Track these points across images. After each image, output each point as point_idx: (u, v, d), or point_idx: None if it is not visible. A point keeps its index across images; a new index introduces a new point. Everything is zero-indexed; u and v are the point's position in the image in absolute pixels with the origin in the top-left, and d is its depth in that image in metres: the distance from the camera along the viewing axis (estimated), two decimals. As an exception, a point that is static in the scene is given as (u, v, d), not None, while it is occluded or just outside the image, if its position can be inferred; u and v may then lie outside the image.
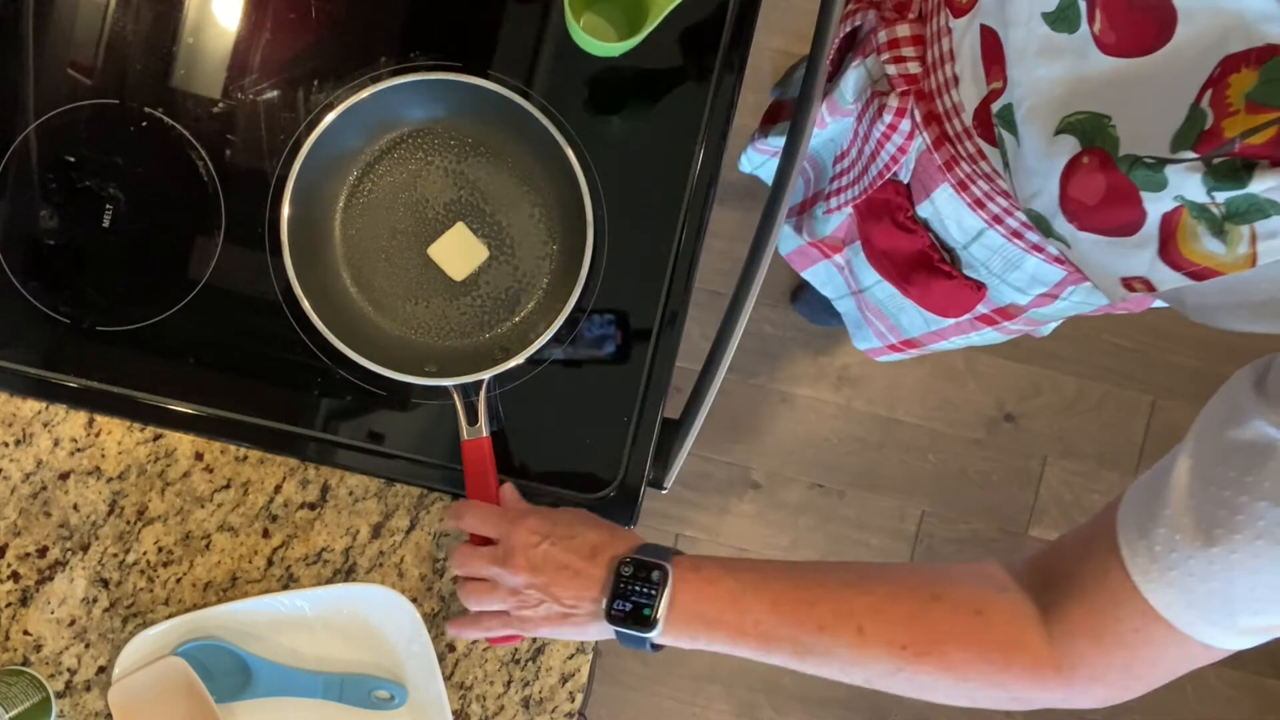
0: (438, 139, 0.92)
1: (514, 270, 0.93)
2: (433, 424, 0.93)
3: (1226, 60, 0.53)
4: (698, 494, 1.84)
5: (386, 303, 0.93)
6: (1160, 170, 0.56)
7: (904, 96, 0.84)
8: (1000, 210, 0.80)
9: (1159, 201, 0.57)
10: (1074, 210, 0.63)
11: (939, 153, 0.82)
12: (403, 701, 0.91)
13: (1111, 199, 0.60)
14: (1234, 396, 0.60)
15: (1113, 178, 0.59)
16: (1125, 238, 0.60)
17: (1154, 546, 0.61)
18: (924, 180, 0.87)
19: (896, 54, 0.84)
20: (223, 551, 0.92)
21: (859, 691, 1.85)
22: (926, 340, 1.08)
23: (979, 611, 0.69)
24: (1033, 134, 0.66)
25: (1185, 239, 0.57)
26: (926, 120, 0.82)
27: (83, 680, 0.91)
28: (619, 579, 0.77)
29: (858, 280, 1.09)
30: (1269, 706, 1.88)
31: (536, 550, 0.79)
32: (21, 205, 0.92)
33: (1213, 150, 0.54)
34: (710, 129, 0.94)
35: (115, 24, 0.93)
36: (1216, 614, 0.60)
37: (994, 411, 1.86)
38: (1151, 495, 0.63)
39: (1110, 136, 0.60)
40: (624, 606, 0.76)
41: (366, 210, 0.93)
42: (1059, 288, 0.86)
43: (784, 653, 0.74)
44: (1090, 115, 0.61)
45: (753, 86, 1.81)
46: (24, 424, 0.91)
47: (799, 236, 1.13)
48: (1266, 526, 0.56)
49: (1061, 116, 0.63)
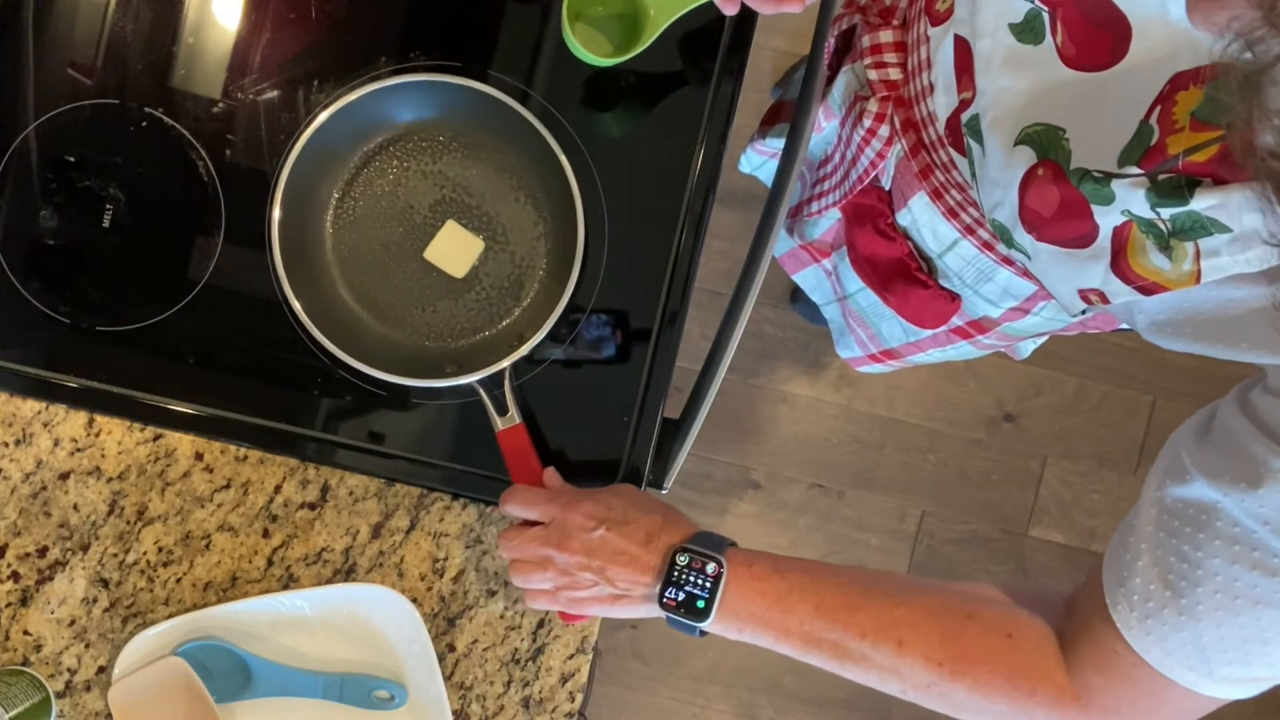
0: (410, 143, 0.93)
1: (511, 256, 0.93)
2: (433, 424, 0.93)
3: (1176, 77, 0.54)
4: (698, 494, 1.84)
5: (394, 315, 0.93)
6: (1107, 185, 0.57)
7: (884, 102, 0.84)
8: (972, 221, 0.81)
9: (1108, 215, 0.58)
10: (1032, 221, 0.64)
11: (915, 160, 0.82)
12: (403, 701, 0.91)
13: (1065, 211, 0.61)
14: (1177, 449, 0.61)
15: (1065, 190, 0.60)
16: (1080, 249, 0.61)
17: (1131, 595, 0.63)
18: (902, 187, 0.87)
19: (879, 59, 0.85)
20: (223, 551, 0.92)
21: (860, 691, 1.85)
22: (905, 351, 1.09)
23: (1010, 636, 0.71)
24: (995, 144, 0.67)
25: (1134, 253, 0.58)
26: (904, 127, 0.83)
27: (83, 680, 0.91)
28: (673, 567, 0.77)
29: (843, 286, 1.10)
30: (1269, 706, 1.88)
31: (593, 535, 0.79)
32: (21, 205, 0.92)
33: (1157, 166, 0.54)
34: (710, 129, 0.94)
35: (115, 24, 0.93)
36: (1193, 661, 0.61)
37: (994, 411, 1.86)
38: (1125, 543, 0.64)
39: (1064, 149, 0.61)
40: (677, 595, 0.77)
41: (355, 226, 0.93)
42: (1030, 302, 0.86)
43: (824, 655, 0.75)
44: (1046, 127, 0.62)
45: (753, 87, 1.81)
46: (24, 424, 0.91)
47: (791, 239, 1.14)
48: (1222, 582, 0.57)
49: (1021, 127, 0.64)
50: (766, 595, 0.76)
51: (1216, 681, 0.61)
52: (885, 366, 1.18)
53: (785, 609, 0.76)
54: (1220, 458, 0.57)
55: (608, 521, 0.80)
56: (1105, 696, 0.66)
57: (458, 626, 0.93)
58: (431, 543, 0.93)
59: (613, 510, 0.80)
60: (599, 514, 0.80)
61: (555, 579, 0.81)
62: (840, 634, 0.74)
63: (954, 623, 0.72)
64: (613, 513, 0.80)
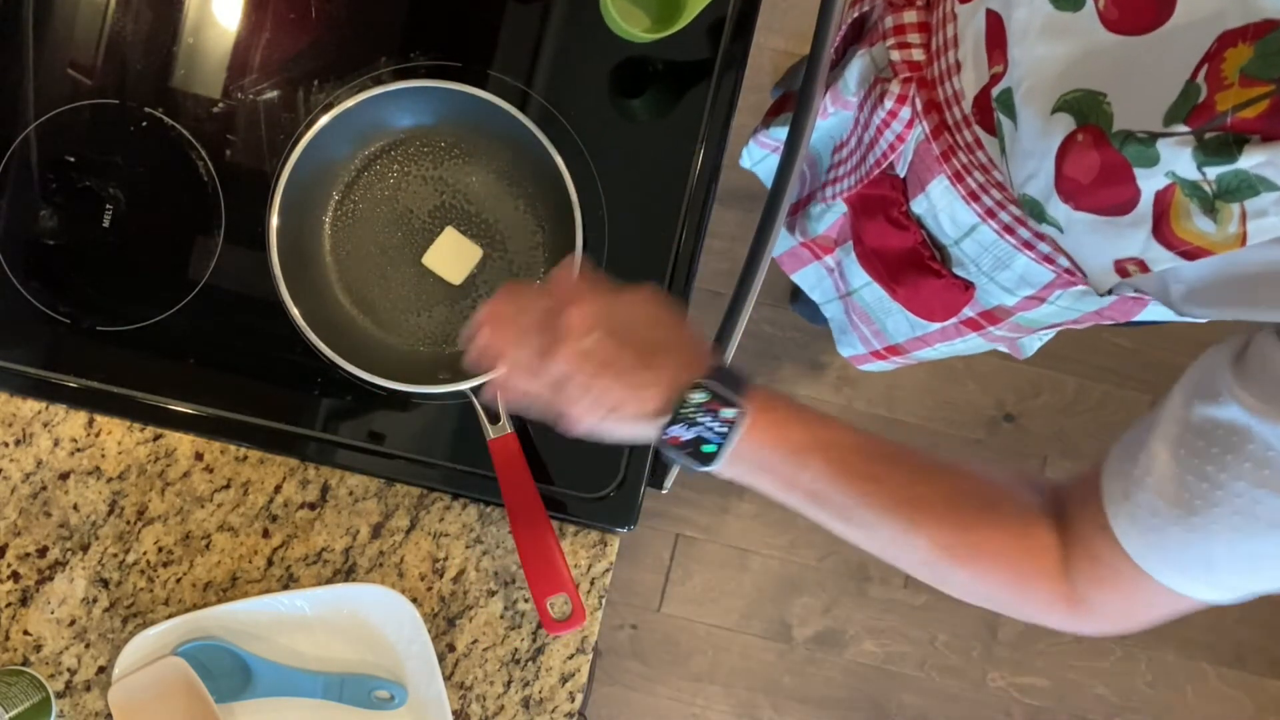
0: (411, 149, 0.93)
1: (509, 264, 0.93)
2: (433, 424, 0.93)
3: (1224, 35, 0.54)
4: (698, 494, 1.84)
5: (390, 320, 0.93)
6: (1152, 145, 0.56)
7: (906, 83, 0.84)
8: (994, 203, 0.81)
9: (1151, 178, 0.57)
10: (1069, 190, 0.63)
11: (937, 142, 0.82)
12: (403, 701, 0.91)
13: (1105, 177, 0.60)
14: (1212, 371, 0.60)
15: (1106, 154, 0.60)
16: (1119, 217, 0.61)
17: (1136, 510, 0.62)
18: (920, 172, 0.87)
19: (902, 40, 0.84)
20: (223, 551, 0.92)
21: (860, 691, 1.86)
22: (911, 347, 1.08)
23: (1021, 535, 0.69)
24: (1030, 115, 0.66)
25: (1178, 218, 0.57)
26: (926, 108, 0.82)
27: (83, 680, 0.91)
28: (685, 402, 0.67)
29: (847, 282, 1.09)
30: (1269, 706, 1.88)
31: (585, 341, 0.67)
32: (21, 205, 0.92)
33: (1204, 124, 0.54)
34: (710, 129, 0.94)
35: (115, 24, 0.93)
36: (1196, 572, 0.62)
37: (994, 411, 1.86)
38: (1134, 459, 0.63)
39: (1105, 113, 0.60)
40: (682, 434, 0.68)
41: (353, 231, 0.93)
42: (1046, 290, 0.86)
43: (828, 514, 0.70)
44: (1085, 92, 0.61)
45: (753, 86, 1.81)
46: (24, 424, 0.91)
47: (792, 237, 1.13)
48: (1244, 504, 0.57)
49: (1059, 95, 0.63)
50: (781, 445, 0.69)
51: (1214, 589, 0.62)
52: (889, 364, 1.18)
53: (799, 462, 0.69)
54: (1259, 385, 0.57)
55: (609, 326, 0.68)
56: (1101, 606, 0.67)
57: (458, 626, 0.93)
58: (431, 543, 0.93)
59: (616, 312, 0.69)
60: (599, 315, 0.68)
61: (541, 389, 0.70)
62: (852, 501, 0.69)
63: (970, 513, 0.69)
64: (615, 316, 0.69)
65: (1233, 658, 1.88)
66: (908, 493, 0.70)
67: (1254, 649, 1.88)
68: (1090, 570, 0.66)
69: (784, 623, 1.85)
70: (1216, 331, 0.59)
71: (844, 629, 1.85)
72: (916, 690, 1.86)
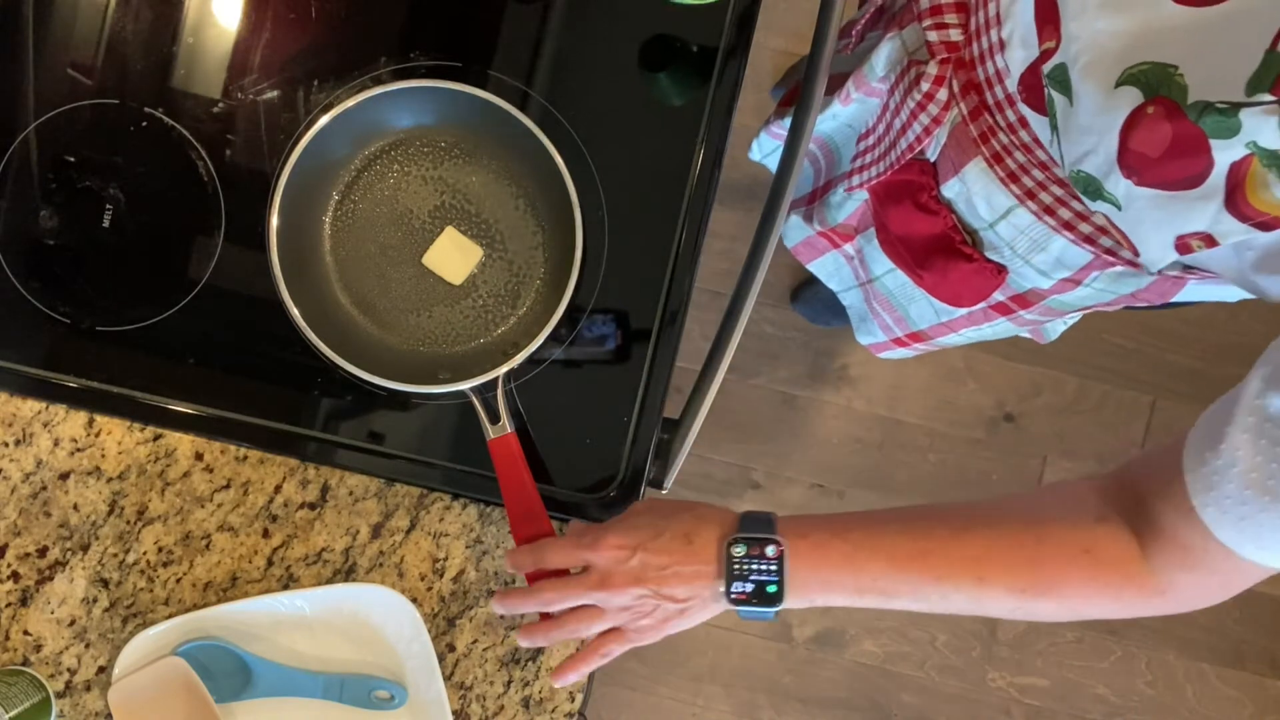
0: (412, 148, 0.93)
1: (509, 265, 0.93)
2: (433, 424, 0.93)
3: None
4: (698, 494, 1.84)
5: (389, 320, 0.93)
6: (1234, 115, 0.56)
7: (944, 64, 0.83)
8: (1034, 184, 0.80)
9: (1229, 150, 0.57)
10: (1134, 164, 0.63)
11: (975, 124, 0.81)
12: (403, 701, 0.91)
13: (1177, 149, 0.59)
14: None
15: (1180, 126, 0.59)
16: (1188, 190, 0.60)
17: (1224, 500, 0.64)
18: (954, 156, 0.86)
19: (939, 20, 0.83)
20: (223, 551, 0.92)
21: (859, 691, 1.86)
22: (935, 333, 1.08)
23: (1087, 550, 0.71)
24: (1089, 90, 0.65)
25: (1254, 188, 0.57)
26: (965, 90, 0.81)
27: (83, 680, 0.91)
28: (732, 560, 0.75)
29: (868, 270, 1.08)
30: (1269, 706, 1.88)
31: (631, 563, 0.77)
32: (21, 205, 0.92)
33: None
34: (710, 129, 0.94)
35: (115, 24, 0.93)
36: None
37: (994, 411, 1.86)
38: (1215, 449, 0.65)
39: (1178, 85, 0.59)
40: (744, 588, 0.75)
41: (353, 230, 0.93)
42: (1083, 272, 0.85)
43: (904, 600, 0.75)
44: (1154, 65, 0.60)
45: (753, 86, 1.81)
46: (24, 424, 0.91)
47: (809, 226, 1.12)
48: None
49: (1123, 69, 0.62)
50: (832, 561, 0.75)
51: None
52: (910, 351, 1.17)
53: (855, 569, 0.74)
54: None
55: (640, 544, 0.77)
56: (1192, 589, 0.69)
57: (458, 626, 0.93)
58: (431, 543, 0.93)
59: (640, 530, 0.78)
60: (628, 541, 0.77)
61: (616, 618, 0.79)
62: (917, 582, 0.74)
63: (1028, 549, 0.72)
64: (640, 533, 0.78)
65: (1233, 658, 1.88)
66: (961, 554, 0.73)
67: (1254, 649, 1.88)
68: (1181, 558, 0.68)
69: (784, 623, 1.85)
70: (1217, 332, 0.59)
71: (844, 629, 1.85)
72: (916, 690, 1.86)
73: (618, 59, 0.94)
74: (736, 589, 0.75)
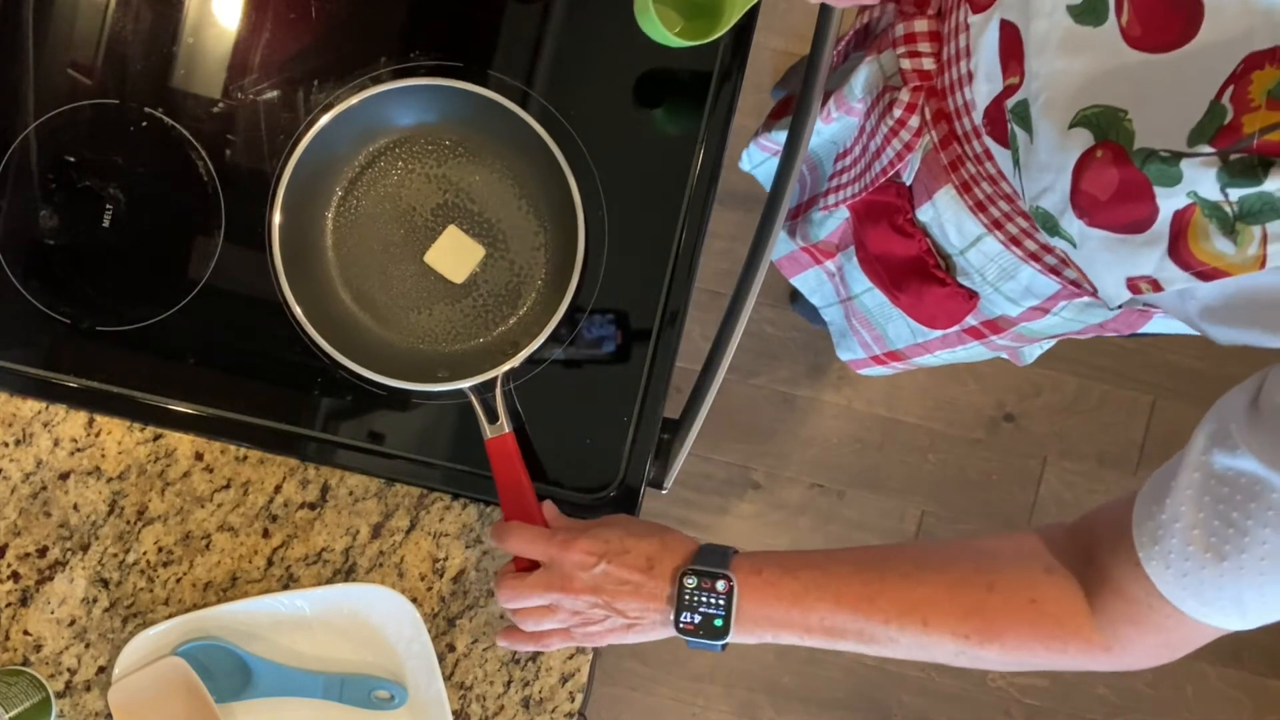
0: (416, 146, 0.93)
1: (510, 265, 0.93)
2: (433, 424, 0.93)
3: (1250, 57, 0.53)
4: (698, 494, 1.84)
5: (390, 317, 0.93)
6: (1175, 164, 0.56)
7: (915, 92, 0.84)
8: (1001, 215, 0.80)
9: (1172, 198, 0.57)
10: (1085, 205, 0.63)
11: (945, 152, 0.82)
12: (403, 701, 0.91)
13: (1124, 194, 0.60)
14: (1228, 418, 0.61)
15: (1126, 172, 0.59)
16: (1135, 235, 0.60)
17: (1168, 554, 0.64)
18: (926, 181, 0.86)
19: (912, 49, 0.84)
20: (223, 551, 0.92)
21: (859, 691, 1.86)
22: (911, 353, 1.09)
23: (1033, 601, 0.72)
24: (1047, 128, 0.66)
25: (1195, 237, 0.57)
26: (935, 118, 0.82)
27: (83, 680, 0.91)
28: (683, 590, 0.78)
29: (848, 287, 1.09)
30: (1269, 706, 1.88)
31: (594, 571, 0.79)
32: (21, 205, 0.92)
33: (1230, 145, 0.54)
34: (710, 129, 0.94)
35: (115, 24, 0.93)
36: (1229, 611, 0.64)
37: (994, 411, 1.86)
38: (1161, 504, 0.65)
39: (1126, 130, 0.59)
40: (692, 619, 0.78)
41: (356, 226, 0.93)
42: (1051, 301, 0.86)
43: (850, 642, 0.77)
44: (1105, 109, 0.61)
45: (753, 87, 1.81)
46: (24, 424, 0.91)
47: (792, 241, 1.13)
48: (1271, 550, 0.59)
49: (1077, 110, 0.63)
50: (782, 599, 0.77)
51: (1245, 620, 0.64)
52: (888, 369, 1.18)
53: (804, 609, 0.76)
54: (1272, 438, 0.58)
55: (606, 555, 0.80)
56: (1137, 644, 0.69)
57: (458, 626, 0.93)
58: (431, 543, 0.93)
59: (610, 543, 0.81)
60: (596, 549, 0.80)
61: (566, 620, 0.82)
62: (864, 623, 0.75)
63: (974, 595, 0.73)
64: (610, 545, 0.80)
65: (1233, 658, 1.88)
66: (909, 597, 0.75)
67: (1254, 649, 1.88)
68: (1125, 611, 0.68)
69: (784, 623, 1.85)
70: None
71: (844, 629, 1.85)
72: (916, 690, 1.86)
73: (618, 59, 0.94)
74: (685, 619, 0.78)
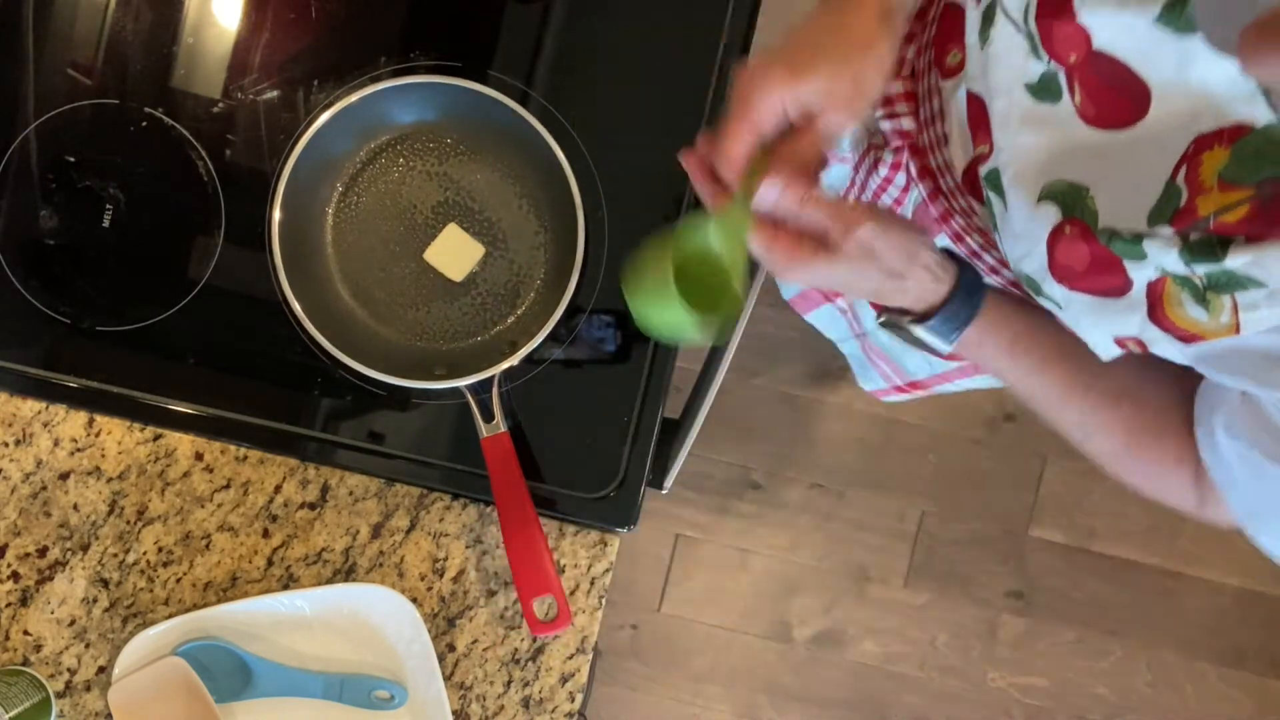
0: (416, 144, 0.93)
1: (510, 264, 0.93)
2: (433, 424, 0.93)
3: (1199, 139, 0.54)
4: (698, 494, 1.84)
5: (388, 313, 0.93)
6: (1138, 244, 0.57)
7: (898, 151, 0.84)
8: (995, 262, 0.81)
9: (1142, 270, 0.58)
10: (1062, 275, 0.64)
11: (934, 205, 0.83)
12: (403, 701, 0.91)
13: (1097, 267, 0.61)
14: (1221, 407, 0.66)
15: (1095, 248, 0.60)
16: (1115, 299, 0.61)
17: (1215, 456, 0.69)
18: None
19: (890, 110, 0.85)
20: (223, 551, 0.92)
21: (859, 691, 1.86)
22: (931, 383, 1.09)
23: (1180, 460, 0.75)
24: (1019, 199, 0.67)
25: (1171, 305, 0.58)
26: (921, 174, 0.83)
27: (83, 680, 0.91)
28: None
29: (860, 323, 1.09)
30: (1269, 706, 1.88)
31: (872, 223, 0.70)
32: (21, 205, 0.92)
33: (1188, 226, 0.55)
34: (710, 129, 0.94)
35: (115, 24, 0.93)
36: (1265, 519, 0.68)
37: (994, 411, 1.86)
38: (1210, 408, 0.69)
39: (1089, 209, 0.61)
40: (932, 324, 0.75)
41: (356, 222, 0.93)
42: None
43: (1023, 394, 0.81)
44: (1069, 185, 0.62)
45: (753, 86, 1.81)
46: (24, 424, 0.91)
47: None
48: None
49: (1043, 184, 0.64)
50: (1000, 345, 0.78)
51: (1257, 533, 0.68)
52: (910, 396, 1.18)
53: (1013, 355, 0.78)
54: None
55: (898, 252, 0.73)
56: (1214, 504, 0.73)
57: (458, 626, 0.93)
58: (431, 543, 0.93)
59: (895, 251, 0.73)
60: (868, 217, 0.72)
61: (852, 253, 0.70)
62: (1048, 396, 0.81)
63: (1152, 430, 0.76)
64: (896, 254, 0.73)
65: (1233, 658, 1.88)
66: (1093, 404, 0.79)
67: (1254, 649, 1.88)
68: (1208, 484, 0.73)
69: (784, 623, 1.85)
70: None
71: (844, 629, 1.85)
72: (916, 690, 1.86)
73: (618, 59, 0.94)
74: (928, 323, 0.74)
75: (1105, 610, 1.87)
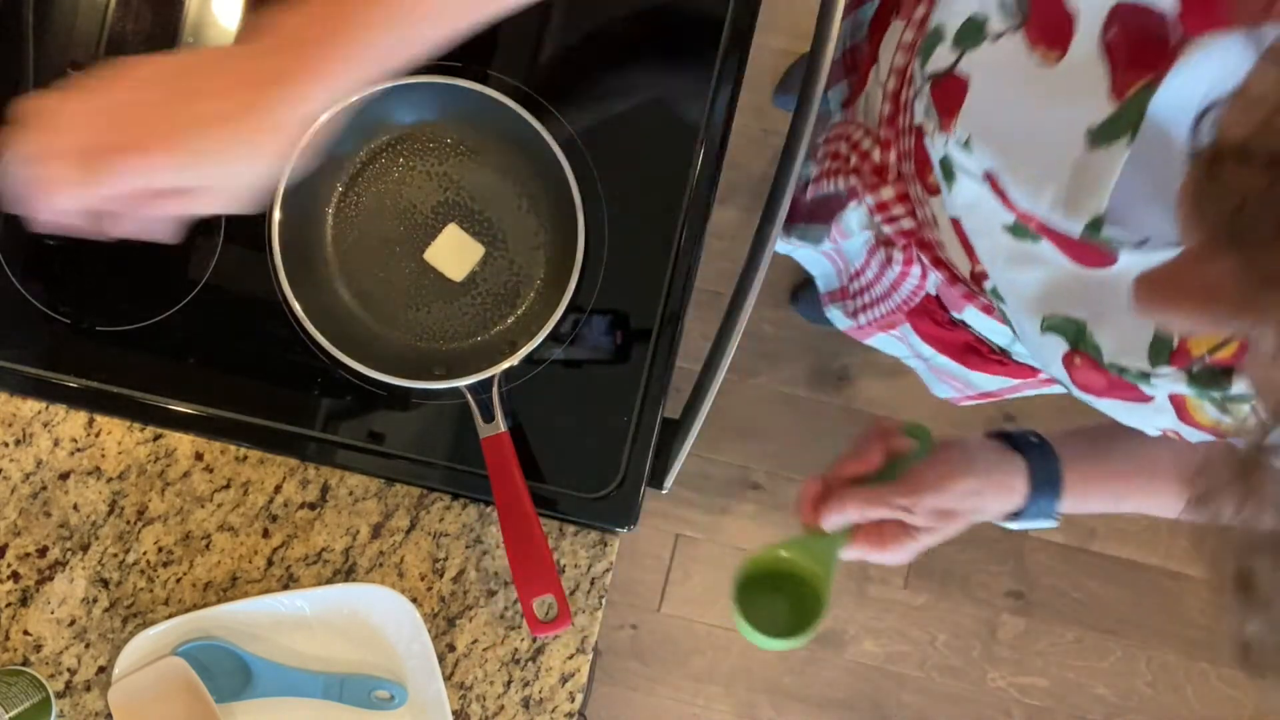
0: (417, 144, 0.93)
1: (510, 264, 0.93)
2: (433, 424, 0.93)
3: None
4: (698, 494, 1.84)
5: (388, 313, 0.93)
6: (1147, 379, 0.59)
7: (907, 249, 0.85)
8: None
9: (1160, 389, 0.60)
10: (1086, 390, 0.66)
11: (955, 288, 0.83)
12: (403, 701, 0.91)
13: (1116, 388, 0.63)
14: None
15: (1109, 375, 0.62)
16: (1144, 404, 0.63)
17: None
18: (951, 300, 0.88)
19: (888, 215, 0.85)
20: (223, 551, 0.92)
21: (859, 691, 1.86)
22: (1004, 393, 1.09)
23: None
24: (1024, 324, 0.68)
25: (1194, 411, 0.60)
26: (935, 264, 0.83)
27: (83, 680, 0.91)
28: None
29: (918, 350, 1.10)
30: (1269, 707, 1.88)
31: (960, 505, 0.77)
32: (21, 205, 0.92)
33: (1187, 365, 0.56)
34: (710, 129, 0.94)
35: (115, 24, 0.93)
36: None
37: (993, 411, 1.86)
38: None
39: (1091, 344, 0.62)
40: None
41: (356, 222, 0.93)
42: None
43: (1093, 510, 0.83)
44: (1066, 319, 0.63)
45: (753, 86, 1.81)
46: (24, 424, 0.91)
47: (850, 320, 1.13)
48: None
49: (1043, 315, 0.65)
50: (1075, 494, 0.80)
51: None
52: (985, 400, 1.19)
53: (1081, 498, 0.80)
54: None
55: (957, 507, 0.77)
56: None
57: (458, 626, 0.93)
58: (431, 543, 0.93)
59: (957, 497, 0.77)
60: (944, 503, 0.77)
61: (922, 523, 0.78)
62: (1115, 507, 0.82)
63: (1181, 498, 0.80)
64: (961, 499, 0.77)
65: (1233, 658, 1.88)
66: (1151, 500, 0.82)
67: (1254, 649, 1.87)
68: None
69: (784, 623, 1.85)
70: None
71: (844, 629, 1.85)
72: (916, 690, 1.86)
73: (618, 59, 0.94)
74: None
75: (1105, 610, 1.87)
